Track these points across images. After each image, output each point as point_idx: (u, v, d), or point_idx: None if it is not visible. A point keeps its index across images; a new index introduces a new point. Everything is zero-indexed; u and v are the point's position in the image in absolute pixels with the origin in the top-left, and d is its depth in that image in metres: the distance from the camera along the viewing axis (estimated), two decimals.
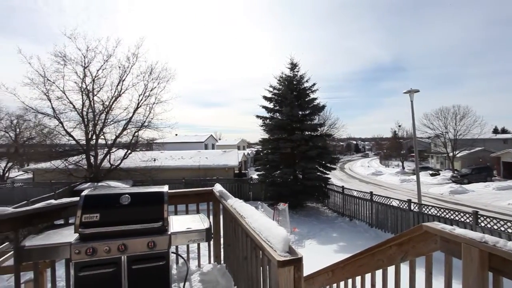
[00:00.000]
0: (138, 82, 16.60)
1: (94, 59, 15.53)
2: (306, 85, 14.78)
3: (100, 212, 1.85)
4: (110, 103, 16.18)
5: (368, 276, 2.16)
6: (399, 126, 49.66)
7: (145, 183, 15.30)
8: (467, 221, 7.28)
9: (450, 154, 32.60)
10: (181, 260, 3.00)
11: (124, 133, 16.75)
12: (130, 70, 16.33)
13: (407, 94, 12.03)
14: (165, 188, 2.16)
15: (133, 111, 16.58)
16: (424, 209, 8.66)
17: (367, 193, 11.13)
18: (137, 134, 17.01)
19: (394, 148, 49.46)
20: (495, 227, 6.67)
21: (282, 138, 14.23)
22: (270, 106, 14.95)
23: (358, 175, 36.82)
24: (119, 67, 16.13)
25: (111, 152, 16.48)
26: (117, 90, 16.27)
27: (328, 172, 14.69)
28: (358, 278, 2.28)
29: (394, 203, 9.73)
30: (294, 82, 14.72)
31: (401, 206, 9.36)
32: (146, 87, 16.68)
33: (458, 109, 33.12)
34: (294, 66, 14.86)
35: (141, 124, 16.88)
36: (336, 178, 28.33)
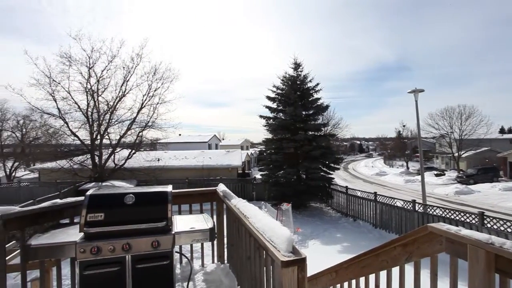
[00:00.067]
0: (142, 83, 16.78)
1: (98, 60, 15.74)
2: (309, 85, 14.75)
3: (104, 211, 1.87)
4: (115, 103, 16.35)
5: (372, 277, 2.14)
6: (404, 126, 49.20)
7: (149, 183, 15.40)
8: (473, 222, 7.21)
9: (456, 154, 32.22)
10: (184, 259, 3.01)
11: (128, 133, 16.90)
12: (134, 70, 16.52)
13: (412, 93, 11.96)
14: (169, 188, 2.17)
15: (137, 111, 16.74)
16: (429, 209, 8.59)
17: (371, 193, 11.07)
18: (141, 134, 17.15)
19: (398, 148, 49.03)
20: (502, 228, 6.59)
21: (286, 138, 14.21)
22: (274, 106, 14.95)
23: (362, 175, 36.60)
24: (123, 68, 16.31)
25: (116, 152, 16.64)
26: (121, 91, 16.45)
27: (331, 172, 14.64)
28: (362, 279, 2.26)
29: (399, 204, 9.66)
30: (298, 82, 14.70)
31: (405, 207, 9.29)
32: (150, 87, 16.85)
33: (464, 108, 32.72)
34: (297, 66, 14.84)
35: (145, 124, 17.03)
36: (339, 178, 28.18)
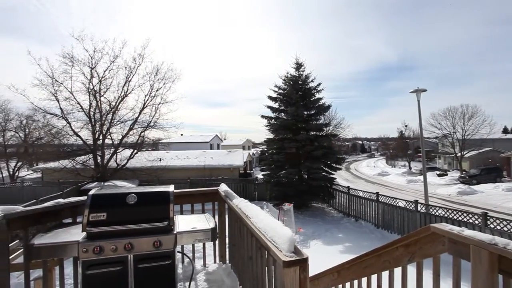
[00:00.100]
0: (144, 83, 16.84)
1: (101, 60, 15.82)
2: (311, 85, 14.72)
3: (107, 211, 1.87)
4: (117, 104, 16.41)
5: (374, 277, 2.14)
6: (406, 126, 48.95)
7: (151, 183, 15.42)
8: (476, 222, 7.15)
9: (458, 154, 32.05)
10: (186, 259, 3.01)
11: (130, 133, 16.96)
12: (136, 70, 16.57)
13: (414, 93, 11.89)
14: (171, 187, 2.18)
15: (139, 111, 16.81)
16: (431, 210, 8.54)
17: (373, 193, 11.03)
18: (143, 134, 17.21)
19: (400, 148, 48.88)
20: (505, 229, 6.53)
21: (287, 138, 14.19)
22: (275, 106, 14.93)
23: (364, 176, 36.48)
24: (126, 68, 16.37)
25: (118, 152, 16.70)
26: (123, 91, 16.52)
27: (333, 172, 14.61)
28: (364, 280, 2.26)
29: (401, 204, 9.62)
30: (300, 82, 14.67)
31: (407, 207, 9.25)
32: (152, 88, 16.90)
33: (467, 108, 32.52)
34: (299, 66, 14.81)
35: (147, 124, 17.08)
36: (341, 178, 28.11)
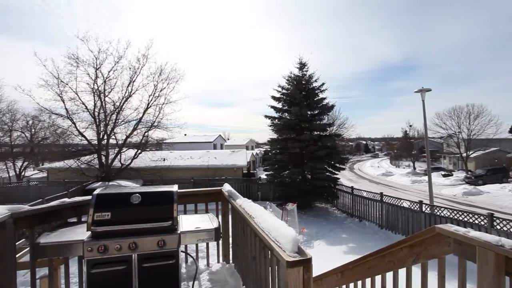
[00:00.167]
0: (148, 83, 16.91)
1: (105, 61, 15.91)
2: (315, 84, 14.68)
3: (111, 210, 1.89)
4: (121, 104, 16.52)
5: (378, 278, 2.12)
6: (410, 126, 48.48)
7: (155, 183, 15.51)
8: (482, 223, 7.07)
9: (464, 154, 31.65)
10: (190, 259, 3.03)
11: (134, 133, 17.06)
12: (140, 71, 16.66)
13: (419, 93, 11.79)
14: (174, 187, 2.19)
15: (143, 112, 16.88)
16: (436, 210, 8.46)
17: (377, 193, 10.95)
18: (147, 134, 17.29)
19: (405, 148, 48.40)
20: None
21: (291, 138, 14.17)
22: (279, 106, 14.92)
23: (368, 176, 36.25)
24: (130, 68, 16.46)
25: (122, 152, 16.82)
26: (127, 91, 16.61)
27: (337, 172, 14.55)
28: (368, 280, 2.24)
29: (405, 204, 9.54)
30: (303, 82, 14.64)
31: (412, 207, 9.17)
32: (155, 88, 16.97)
33: (472, 108, 32.03)
34: (302, 65, 14.78)
35: (151, 124, 17.16)
36: (345, 178, 27.97)
